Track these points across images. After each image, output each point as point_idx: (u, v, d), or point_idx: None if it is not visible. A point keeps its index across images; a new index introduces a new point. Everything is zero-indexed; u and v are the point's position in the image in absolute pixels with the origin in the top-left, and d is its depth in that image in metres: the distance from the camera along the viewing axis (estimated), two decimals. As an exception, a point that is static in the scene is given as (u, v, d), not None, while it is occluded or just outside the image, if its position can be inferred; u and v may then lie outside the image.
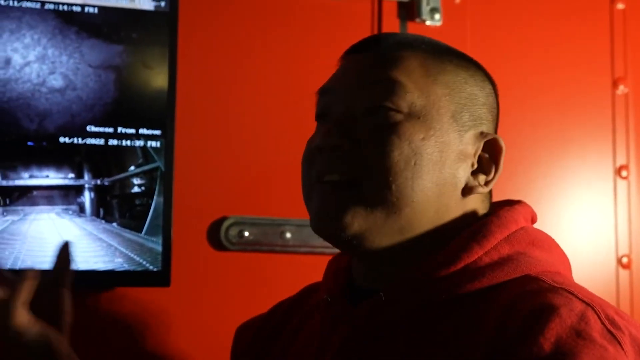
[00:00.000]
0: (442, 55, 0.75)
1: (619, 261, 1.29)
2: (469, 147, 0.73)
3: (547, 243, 0.73)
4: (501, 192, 0.81)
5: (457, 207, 0.73)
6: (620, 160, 1.31)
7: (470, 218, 0.74)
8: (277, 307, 0.92)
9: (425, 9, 1.22)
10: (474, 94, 0.75)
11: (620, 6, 1.33)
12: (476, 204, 0.74)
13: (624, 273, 1.28)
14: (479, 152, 0.74)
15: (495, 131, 0.78)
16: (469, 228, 0.71)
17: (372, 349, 0.71)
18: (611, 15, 1.33)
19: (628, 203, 1.31)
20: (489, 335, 0.63)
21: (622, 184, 1.31)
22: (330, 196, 0.71)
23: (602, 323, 0.61)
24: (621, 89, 1.31)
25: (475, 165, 0.73)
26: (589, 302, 0.63)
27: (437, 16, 1.22)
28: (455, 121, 0.73)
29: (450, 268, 0.68)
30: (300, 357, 0.81)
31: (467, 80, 0.75)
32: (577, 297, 0.64)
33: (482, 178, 0.73)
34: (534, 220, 0.77)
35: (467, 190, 0.72)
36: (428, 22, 1.22)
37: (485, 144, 0.74)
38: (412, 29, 1.24)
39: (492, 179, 0.74)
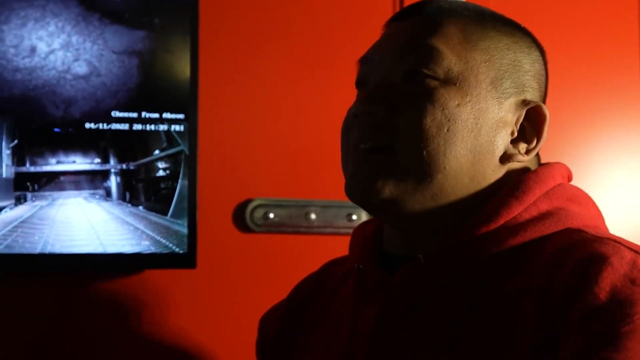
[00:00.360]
0: (485, 21, 0.74)
1: None
2: (509, 114, 0.72)
3: (585, 199, 0.73)
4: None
5: (495, 175, 0.72)
6: None
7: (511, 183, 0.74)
8: (297, 289, 0.92)
9: None
10: (518, 60, 0.73)
11: None
12: (519, 172, 0.74)
13: None
14: (521, 119, 0.72)
15: (543, 99, 0.76)
16: (507, 186, 0.70)
17: (412, 319, 0.70)
18: None
19: None
20: (538, 289, 0.62)
21: None
22: (363, 161, 0.71)
23: None
24: None
25: (516, 134, 0.72)
26: (638, 250, 0.62)
27: None
28: (495, 88, 0.72)
29: (490, 225, 0.67)
30: (333, 332, 0.80)
31: (510, 47, 0.73)
32: (624, 245, 0.63)
33: (522, 146, 0.72)
34: (570, 178, 0.76)
35: (505, 158, 0.71)
36: None
37: (528, 111, 0.72)
38: None
39: (533, 148, 0.73)
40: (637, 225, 1.31)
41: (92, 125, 1.10)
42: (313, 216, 1.18)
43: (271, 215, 1.18)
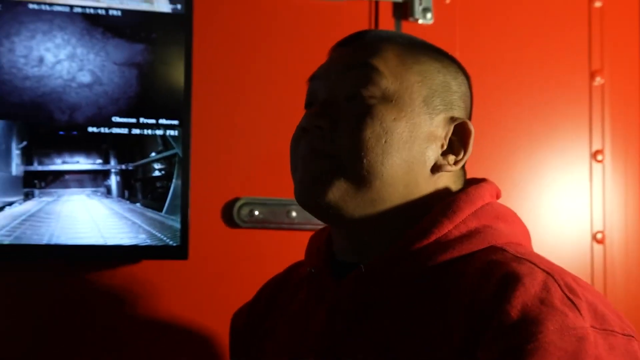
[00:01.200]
0: (418, 48, 0.78)
1: (594, 237, 1.34)
2: (439, 129, 0.75)
3: (510, 217, 0.76)
4: (487, 174, 0.83)
5: (427, 184, 0.75)
6: (596, 146, 1.35)
7: (442, 194, 0.75)
8: (264, 287, 0.94)
9: (417, 8, 1.26)
10: (447, 82, 0.77)
11: (597, 4, 1.36)
12: (448, 181, 0.76)
13: (598, 247, 1.33)
14: (450, 134, 0.76)
15: (469, 117, 0.80)
16: (439, 204, 0.73)
17: (356, 320, 0.72)
18: (589, 12, 1.35)
19: (603, 184, 1.34)
20: (464, 302, 0.65)
21: (597, 167, 1.35)
22: (309, 168, 0.74)
23: (562, 291, 0.63)
24: (598, 80, 1.35)
25: (445, 147, 0.76)
26: (549, 271, 0.65)
27: (428, 15, 1.26)
28: (427, 105, 0.75)
29: (423, 241, 0.70)
30: (290, 330, 0.82)
31: (440, 70, 0.77)
32: (538, 267, 0.65)
33: (451, 158, 0.75)
34: (498, 196, 0.79)
35: (436, 168, 0.74)
36: (420, 21, 1.26)
37: (456, 127, 0.76)
38: (406, 27, 1.28)
39: (460, 159, 0.76)
40: (558, 236, 1.35)
41: (95, 129, 1.13)
42: (294, 214, 1.21)
43: (256, 213, 1.20)
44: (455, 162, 0.76)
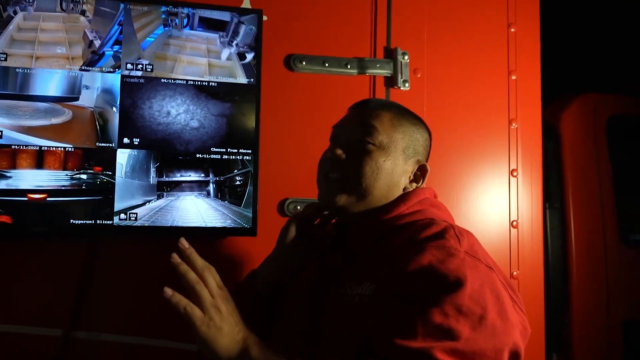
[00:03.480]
0: (403, 115, 0.94)
1: (511, 224, 1.56)
2: (409, 167, 0.93)
3: (441, 206, 0.94)
4: (438, 185, 1.03)
5: (398, 195, 0.92)
6: (513, 165, 1.57)
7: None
8: None
9: (400, 80, 1.49)
10: (417, 138, 0.94)
11: (513, 77, 1.59)
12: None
13: (514, 231, 1.56)
14: (415, 170, 0.94)
15: (427, 159, 0.97)
16: (399, 197, 0.91)
17: (345, 258, 0.89)
18: (508, 82, 1.58)
19: (517, 190, 1.58)
20: (406, 245, 0.80)
21: (513, 180, 1.57)
22: (329, 187, 0.91)
23: (454, 232, 0.79)
24: (514, 125, 1.58)
25: (412, 178, 0.94)
26: (451, 224, 0.80)
27: (407, 84, 1.50)
28: (404, 153, 0.92)
29: (388, 215, 0.89)
30: (316, 267, 0.96)
31: (414, 130, 0.94)
32: (446, 222, 0.82)
33: (414, 185, 0.95)
34: (435, 195, 0.97)
35: (404, 190, 0.93)
36: (402, 88, 1.50)
37: (419, 167, 0.95)
38: (392, 92, 1.51)
39: (419, 186, 0.95)
40: (488, 222, 1.51)
41: (200, 156, 1.38)
42: None
43: (298, 207, 1.43)
44: (417, 187, 0.96)
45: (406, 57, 1.50)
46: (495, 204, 1.55)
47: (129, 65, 1.37)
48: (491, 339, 0.74)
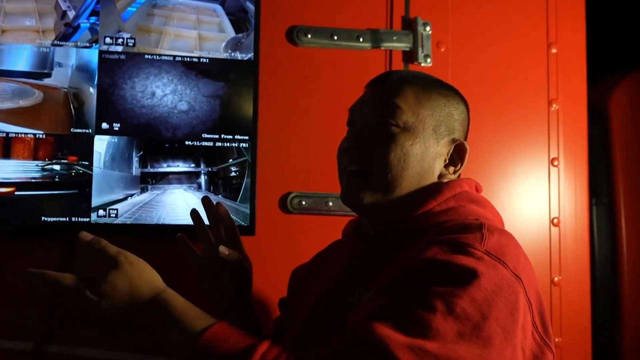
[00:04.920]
0: (430, 87, 0.83)
1: (552, 221, 1.45)
2: (444, 149, 0.83)
3: (483, 202, 0.83)
4: (474, 175, 0.91)
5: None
6: (553, 154, 1.45)
7: None
8: (316, 256, 1.03)
9: (420, 55, 1.39)
10: (450, 112, 0.83)
11: (554, 50, 1.46)
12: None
13: (554, 230, 1.45)
14: (451, 151, 0.83)
15: (465, 137, 0.86)
16: (429, 190, 0.80)
17: (365, 262, 0.80)
18: (547, 57, 1.47)
19: (558, 182, 1.46)
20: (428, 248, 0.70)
21: (554, 170, 1.45)
22: (350, 182, 0.82)
23: (481, 230, 0.69)
24: (554, 106, 1.46)
25: (447, 161, 0.83)
26: (485, 223, 0.70)
27: (428, 60, 1.40)
28: (435, 132, 0.82)
29: (413, 212, 0.79)
30: (324, 274, 0.90)
31: (445, 104, 0.83)
32: (480, 221, 0.71)
33: (451, 169, 0.84)
34: (478, 189, 0.86)
35: (440, 176, 0.83)
36: (422, 64, 1.39)
37: (456, 146, 0.83)
38: (412, 69, 1.38)
39: (458, 169, 0.84)
40: (527, 220, 1.41)
41: (190, 143, 1.27)
42: (330, 204, 1.31)
43: (303, 203, 1.31)
44: (455, 172, 0.85)
45: (428, 29, 1.39)
46: (533, 198, 1.44)
47: (107, 40, 1.28)
48: (478, 354, 0.62)
